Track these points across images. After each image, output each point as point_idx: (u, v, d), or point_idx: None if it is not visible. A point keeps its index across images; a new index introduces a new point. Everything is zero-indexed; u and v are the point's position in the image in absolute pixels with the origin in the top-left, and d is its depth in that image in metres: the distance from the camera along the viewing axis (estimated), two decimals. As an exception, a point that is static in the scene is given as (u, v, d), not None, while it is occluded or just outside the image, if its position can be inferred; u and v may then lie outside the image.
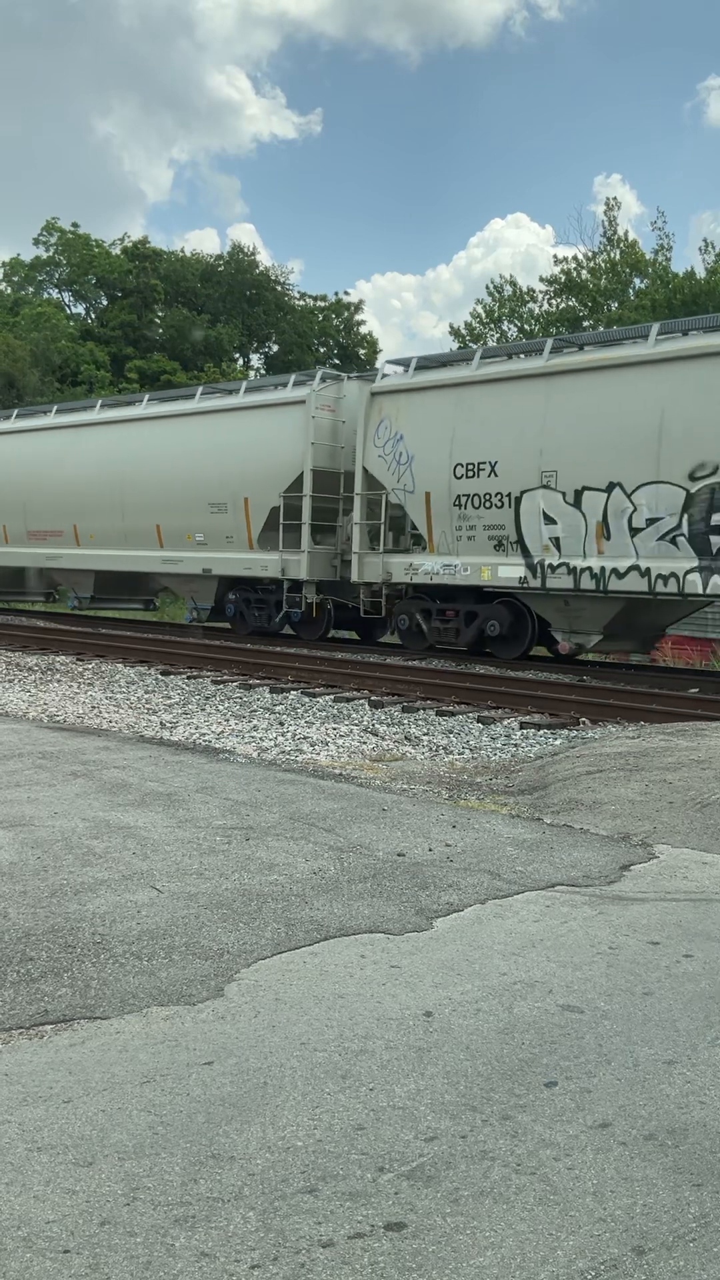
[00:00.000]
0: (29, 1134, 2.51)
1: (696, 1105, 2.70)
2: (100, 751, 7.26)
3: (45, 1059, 2.90)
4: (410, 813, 5.75)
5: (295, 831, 5.24)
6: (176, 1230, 2.15)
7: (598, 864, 4.88)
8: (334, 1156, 2.43)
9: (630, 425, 12.68)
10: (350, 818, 5.55)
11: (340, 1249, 2.09)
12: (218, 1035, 3.05)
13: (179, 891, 4.27)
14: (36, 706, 10.49)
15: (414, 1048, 2.99)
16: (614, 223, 36.04)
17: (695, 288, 30.88)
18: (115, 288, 50.55)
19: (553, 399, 13.59)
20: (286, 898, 4.24)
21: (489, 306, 38.26)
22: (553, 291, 36.48)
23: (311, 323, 55.03)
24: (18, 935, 3.76)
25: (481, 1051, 2.97)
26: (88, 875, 4.45)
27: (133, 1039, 3.02)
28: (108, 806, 5.64)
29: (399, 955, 3.69)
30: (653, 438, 12.47)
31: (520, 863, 4.85)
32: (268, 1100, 2.68)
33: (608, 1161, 2.43)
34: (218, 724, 9.76)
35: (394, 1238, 2.13)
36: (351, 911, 4.11)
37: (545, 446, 13.56)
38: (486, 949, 3.77)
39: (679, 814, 5.75)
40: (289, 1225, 2.17)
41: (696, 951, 3.78)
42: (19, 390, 38.91)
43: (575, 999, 3.35)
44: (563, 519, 13.51)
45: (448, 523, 14.77)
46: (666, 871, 4.80)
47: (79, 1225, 2.16)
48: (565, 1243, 2.12)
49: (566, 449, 13.38)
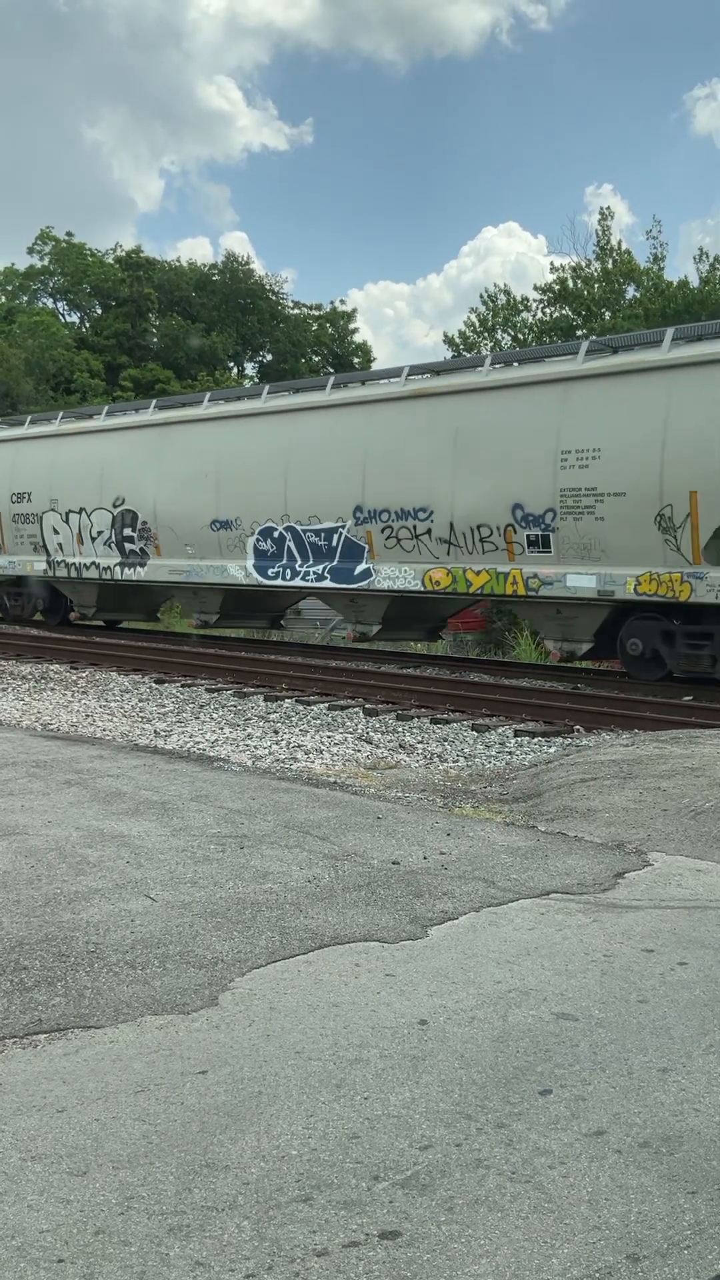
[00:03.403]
0: (23, 1143, 2.51)
1: (691, 1113, 2.70)
2: (94, 760, 7.25)
3: (39, 1068, 2.90)
4: (405, 821, 5.75)
5: (290, 840, 5.23)
6: (171, 1239, 2.14)
7: (592, 872, 4.88)
8: (328, 1165, 2.43)
9: (83, 469, 19.83)
10: (345, 826, 5.55)
11: (335, 1258, 2.09)
12: (212, 1044, 3.05)
13: (173, 900, 4.26)
14: (30, 715, 10.48)
15: (409, 1056, 2.99)
16: (607, 232, 36.17)
17: (689, 296, 31.00)
18: (110, 296, 50.62)
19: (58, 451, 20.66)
20: (281, 906, 4.24)
21: (482, 315, 38.35)
22: (546, 300, 36.59)
23: (305, 331, 55.12)
24: (11, 944, 3.75)
25: (476, 1060, 2.97)
26: (81, 884, 4.44)
27: (127, 1048, 3.02)
28: (102, 815, 5.63)
29: (394, 963, 3.69)
30: (95, 478, 19.52)
31: (515, 870, 4.85)
32: (262, 1109, 2.68)
33: (602, 1169, 2.43)
34: (212, 732, 9.76)
35: (389, 1246, 2.13)
36: (346, 920, 4.10)
37: (53, 483, 20.32)
38: (481, 957, 3.77)
39: (673, 821, 5.76)
40: (283, 1234, 2.16)
41: (691, 959, 3.78)
42: (13, 399, 38.92)
43: (570, 1007, 3.35)
44: (62, 531, 20.29)
45: (10, 532, 21.51)
46: (660, 879, 4.81)
47: (73, 1235, 2.16)
48: (560, 1251, 2.12)
49: (58, 484, 20.24)
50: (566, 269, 36.05)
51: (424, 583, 14.60)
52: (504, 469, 13.60)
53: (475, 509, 13.96)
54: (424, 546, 14.56)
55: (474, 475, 13.95)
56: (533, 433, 13.36)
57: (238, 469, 16.90)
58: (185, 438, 18.09)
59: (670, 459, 12.16)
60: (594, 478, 12.78)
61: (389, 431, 14.96)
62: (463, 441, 14.06)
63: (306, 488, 15.91)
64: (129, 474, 18.74)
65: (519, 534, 13.58)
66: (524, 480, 13.41)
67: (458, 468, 14.12)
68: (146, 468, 18.45)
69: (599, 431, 12.77)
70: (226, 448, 17.28)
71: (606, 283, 35.30)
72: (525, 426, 13.47)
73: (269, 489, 16.36)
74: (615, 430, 12.64)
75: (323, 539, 15.81)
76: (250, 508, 16.71)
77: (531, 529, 13.46)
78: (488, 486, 13.80)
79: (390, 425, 14.98)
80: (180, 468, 17.82)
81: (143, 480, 18.54)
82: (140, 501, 18.59)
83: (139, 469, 18.59)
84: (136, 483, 18.65)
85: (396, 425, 14.89)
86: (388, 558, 15.00)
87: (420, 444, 14.50)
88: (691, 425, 12.03)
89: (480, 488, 13.89)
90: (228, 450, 17.26)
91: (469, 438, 14.02)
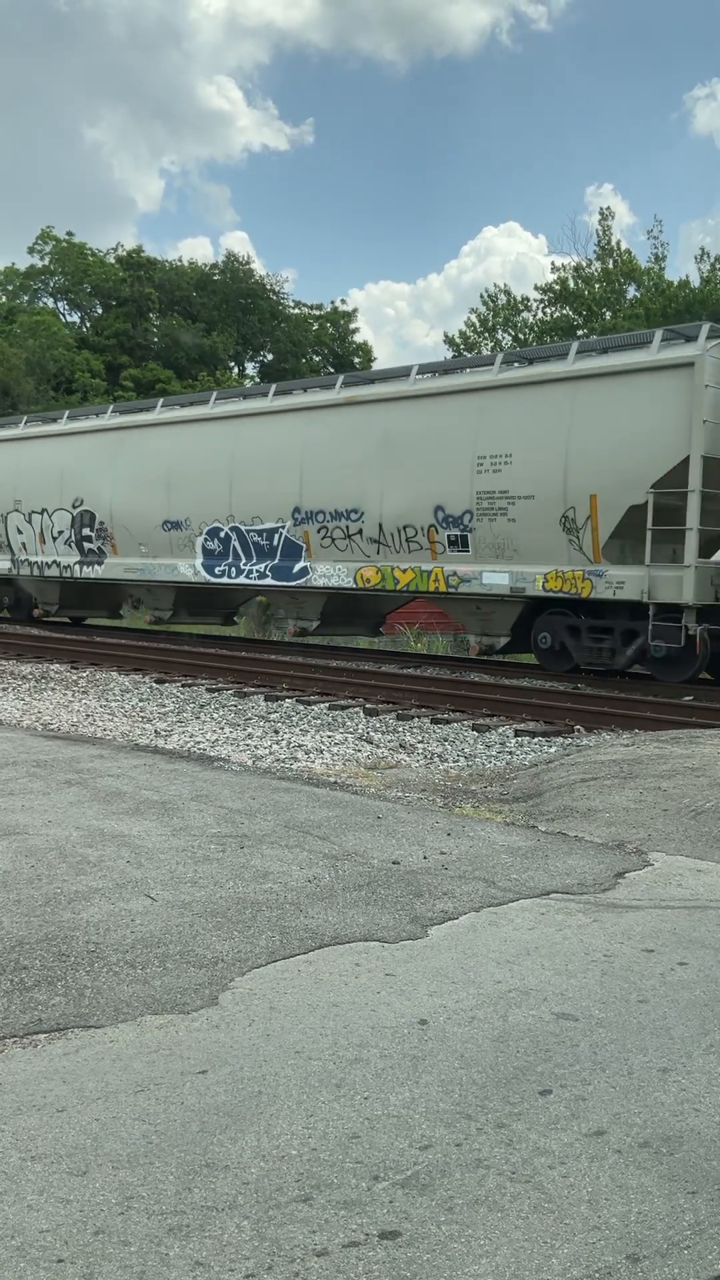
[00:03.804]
0: (23, 1143, 2.51)
1: (691, 1113, 2.70)
2: (94, 760, 7.25)
3: (39, 1068, 2.90)
4: (405, 820, 5.75)
5: (290, 839, 5.23)
6: (171, 1239, 2.14)
7: (592, 872, 4.88)
8: (328, 1165, 2.43)
9: (45, 471, 20.73)
10: (345, 826, 5.55)
11: (335, 1258, 2.09)
12: (212, 1044, 3.05)
13: (173, 900, 4.26)
14: (30, 715, 10.48)
15: (409, 1056, 2.98)
16: (608, 232, 36.17)
17: (690, 296, 31.00)
18: (110, 296, 50.61)
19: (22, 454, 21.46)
20: (281, 906, 4.24)
21: (483, 315, 38.33)
22: (547, 300, 36.59)
23: (306, 331, 55.09)
24: (12, 944, 3.75)
25: (476, 1060, 2.97)
26: (82, 884, 4.44)
27: (127, 1048, 3.02)
28: (102, 815, 5.63)
29: (394, 963, 3.69)
30: (55, 480, 20.43)
31: (515, 870, 4.85)
32: (262, 1109, 2.68)
33: (602, 1169, 2.43)
34: (212, 732, 9.76)
35: (389, 1246, 2.13)
36: (346, 919, 4.10)
37: (17, 484, 21.27)
38: (481, 957, 3.76)
39: (673, 821, 5.76)
40: (283, 1234, 2.16)
41: (691, 959, 3.78)
42: (14, 399, 38.93)
43: (570, 1007, 3.35)
44: (25, 531, 21.25)
45: None
46: (661, 879, 4.81)
47: (73, 1235, 2.16)
48: (560, 1251, 2.12)
49: (22, 486, 21.17)
50: (568, 269, 36.04)
51: (356, 580, 15.58)
52: (427, 473, 14.46)
53: (401, 510, 14.85)
54: (356, 546, 15.49)
55: (400, 479, 14.82)
56: (453, 439, 14.22)
57: (187, 472, 17.89)
58: (140, 442, 18.97)
59: (573, 464, 13.04)
60: (506, 481, 13.70)
61: (324, 437, 15.84)
62: (390, 447, 14.94)
63: (250, 490, 16.86)
64: (88, 476, 19.71)
65: (440, 534, 14.53)
66: (445, 484, 14.29)
67: (386, 472, 14.97)
68: (104, 470, 19.37)
69: (511, 438, 13.66)
70: (178, 451, 18.14)
71: (607, 283, 35.29)
72: (446, 433, 14.33)
73: (216, 491, 17.30)
74: (525, 437, 13.54)
75: (265, 539, 16.84)
76: (199, 509, 17.63)
77: (451, 529, 14.40)
78: (413, 490, 14.68)
79: (325, 431, 15.86)
80: (135, 470, 18.74)
81: (100, 482, 19.46)
82: (98, 502, 19.51)
83: (97, 471, 19.53)
84: (95, 484, 19.57)
85: (331, 431, 15.78)
86: (323, 556, 15.96)
87: (353, 449, 15.36)
88: (592, 433, 12.90)
89: (406, 491, 14.76)
90: (178, 454, 18.12)
91: (396, 443, 14.88)
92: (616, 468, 12.63)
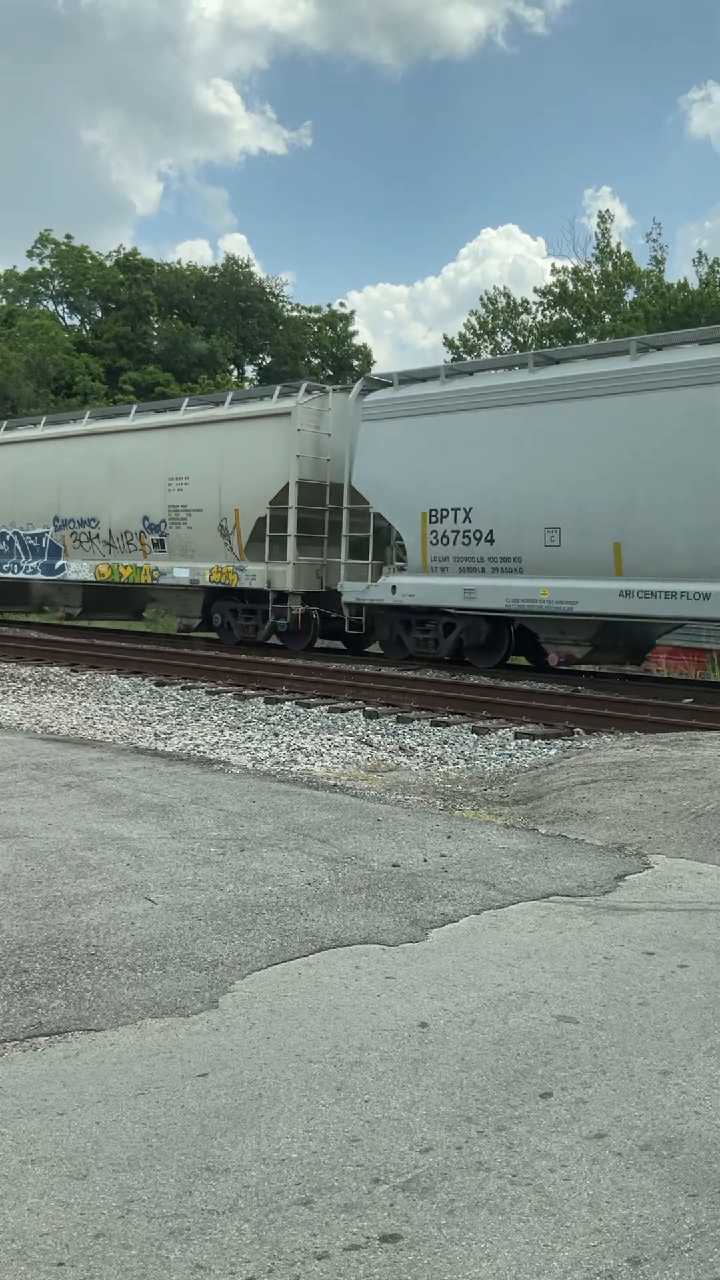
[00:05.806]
0: (23, 1146, 2.51)
1: (692, 1115, 2.70)
2: (94, 763, 7.25)
3: (39, 1071, 2.90)
4: (405, 823, 5.75)
5: (290, 842, 5.23)
6: (171, 1242, 2.14)
7: (592, 874, 4.88)
8: (329, 1168, 2.42)
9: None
10: (345, 828, 5.55)
11: (335, 1261, 2.09)
12: (212, 1047, 3.04)
13: (173, 903, 4.26)
14: (30, 717, 10.48)
15: (409, 1059, 2.98)
16: (607, 234, 36.17)
17: (689, 299, 31.01)
18: (109, 299, 50.62)
19: None
20: (281, 909, 4.24)
21: (482, 318, 38.35)
22: (547, 303, 36.59)
23: (305, 334, 55.09)
24: (11, 947, 3.75)
25: (477, 1062, 2.97)
26: (82, 887, 4.44)
27: (127, 1051, 3.02)
28: (102, 818, 5.63)
29: (394, 966, 3.68)
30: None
31: (515, 873, 4.85)
32: (262, 1112, 2.68)
33: (603, 1172, 2.43)
34: (212, 735, 9.76)
35: (389, 1249, 2.13)
36: (346, 922, 4.10)
37: None
38: (482, 960, 3.76)
39: (673, 824, 5.76)
40: (283, 1237, 2.16)
41: (691, 962, 3.78)
42: (13, 403, 38.93)
43: (570, 1009, 3.35)
44: None
45: None
46: (661, 882, 4.81)
47: (73, 1238, 2.15)
48: (561, 1254, 2.12)
49: None
50: (567, 271, 36.05)
51: (95, 575, 20.62)
52: (138, 489, 19.44)
53: (123, 519, 19.88)
54: (96, 547, 20.64)
55: (122, 494, 19.81)
56: (153, 464, 19.24)
57: None
58: None
59: (225, 485, 17.99)
60: (186, 498, 18.68)
61: (73, 460, 21.01)
62: (115, 470, 19.97)
63: (26, 501, 22.12)
64: None
65: (148, 538, 19.51)
66: (149, 498, 19.27)
67: (113, 488, 19.98)
68: None
69: (189, 464, 18.65)
70: None
71: (606, 285, 35.30)
72: (149, 458, 19.39)
73: (4, 503, 22.69)
74: (197, 464, 18.50)
75: (37, 541, 22.08)
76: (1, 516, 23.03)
77: (154, 534, 19.38)
78: (129, 503, 19.71)
79: (74, 456, 21.03)
80: None
81: None
82: None
83: None
84: None
85: (78, 456, 20.94)
86: (76, 555, 21.12)
87: (91, 471, 20.52)
88: (237, 461, 17.83)
89: (125, 504, 19.81)
90: None
91: (119, 467, 19.93)
92: (250, 488, 17.52)
